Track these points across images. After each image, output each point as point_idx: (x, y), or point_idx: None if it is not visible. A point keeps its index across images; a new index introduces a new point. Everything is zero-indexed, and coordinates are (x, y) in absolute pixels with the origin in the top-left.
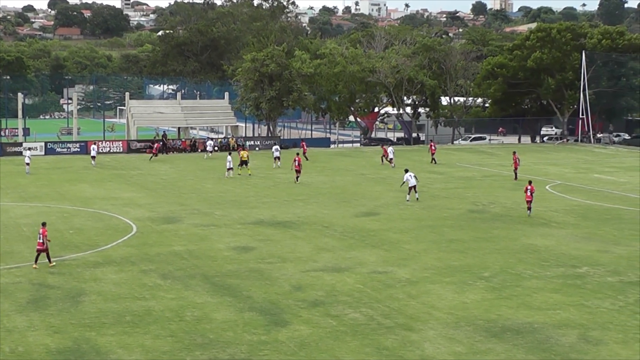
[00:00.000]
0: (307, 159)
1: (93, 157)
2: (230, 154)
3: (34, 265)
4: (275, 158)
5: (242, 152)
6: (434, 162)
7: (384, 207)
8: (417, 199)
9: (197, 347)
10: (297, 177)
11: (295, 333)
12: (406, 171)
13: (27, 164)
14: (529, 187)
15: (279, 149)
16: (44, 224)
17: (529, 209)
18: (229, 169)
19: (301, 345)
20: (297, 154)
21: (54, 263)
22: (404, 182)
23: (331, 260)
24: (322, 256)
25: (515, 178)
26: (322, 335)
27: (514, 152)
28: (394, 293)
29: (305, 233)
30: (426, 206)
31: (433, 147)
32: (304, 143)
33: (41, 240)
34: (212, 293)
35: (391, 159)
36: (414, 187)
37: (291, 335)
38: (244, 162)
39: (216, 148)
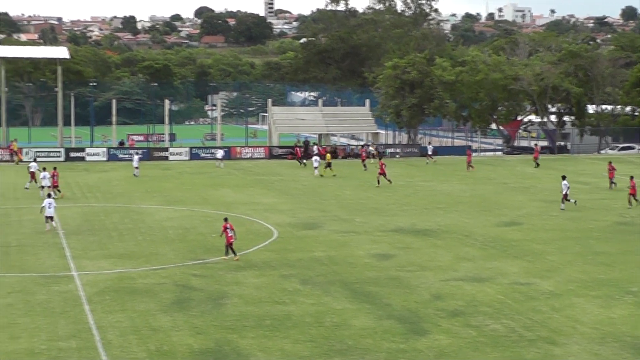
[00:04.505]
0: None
1: (220, 159)
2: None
3: (235, 258)
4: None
5: (327, 155)
6: (537, 165)
7: (527, 217)
8: (562, 208)
9: (335, 353)
10: (382, 180)
11: (434, 342)
12: (563, 178)
13: (136, 167)
14: (632, 184)
15: (318, 159)
16: (226, 219)
17: (637, 200)
18: (315, 167)
19: (440, 355)
20: (380, 159)
21: (238, 257)
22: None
23: (472, 269)
24: (462, 265)
25: (610, 187)
26: (462, 345)
27: (610, 162)
28: (537, 305)
29: (445, 242)
30: (571, 217)
31: (537, 152)
32: (469, 152)
33: (231, 234)
34: (351, 299)
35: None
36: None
37: (430, 345)
38: (328, 164)
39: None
